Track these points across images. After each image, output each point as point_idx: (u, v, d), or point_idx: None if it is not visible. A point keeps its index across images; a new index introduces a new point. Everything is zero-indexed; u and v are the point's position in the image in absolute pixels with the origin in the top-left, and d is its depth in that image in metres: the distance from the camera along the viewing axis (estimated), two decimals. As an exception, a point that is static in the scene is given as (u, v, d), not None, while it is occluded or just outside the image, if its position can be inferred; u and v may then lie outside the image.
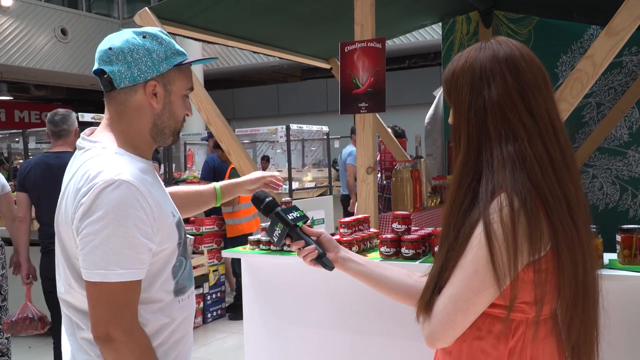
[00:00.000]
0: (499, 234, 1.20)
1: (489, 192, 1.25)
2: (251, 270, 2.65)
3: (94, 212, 1.39)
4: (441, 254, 1.32)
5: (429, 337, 1.32)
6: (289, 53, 4.43)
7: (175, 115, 1.60)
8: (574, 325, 1.30)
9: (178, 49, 1.59)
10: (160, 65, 1.54)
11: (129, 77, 1.52)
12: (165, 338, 1.56)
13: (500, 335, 1.30)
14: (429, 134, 4.90)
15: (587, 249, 1.28)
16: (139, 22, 3.22)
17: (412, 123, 10.01)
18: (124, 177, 1.41)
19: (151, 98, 1.55)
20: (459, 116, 1.34)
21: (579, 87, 2.49)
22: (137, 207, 1.41)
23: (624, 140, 4.36)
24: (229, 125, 3.33)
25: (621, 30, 2.39)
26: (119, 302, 1.41)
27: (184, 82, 1.60)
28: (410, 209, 3.02)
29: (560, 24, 4.36)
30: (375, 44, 2.79)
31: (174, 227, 1.57)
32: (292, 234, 1.59)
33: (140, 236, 1.42)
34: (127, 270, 1.40)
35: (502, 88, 1.29)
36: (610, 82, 4.38)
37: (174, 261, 1.58)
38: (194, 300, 1.72)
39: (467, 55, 1.35)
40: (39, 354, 5.22)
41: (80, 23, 14.85)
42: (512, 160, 1.25)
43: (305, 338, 2.55)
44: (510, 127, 1.28)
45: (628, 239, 2.03)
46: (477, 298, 1.24)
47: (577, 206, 1.27)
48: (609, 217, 4.29)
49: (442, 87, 4.95)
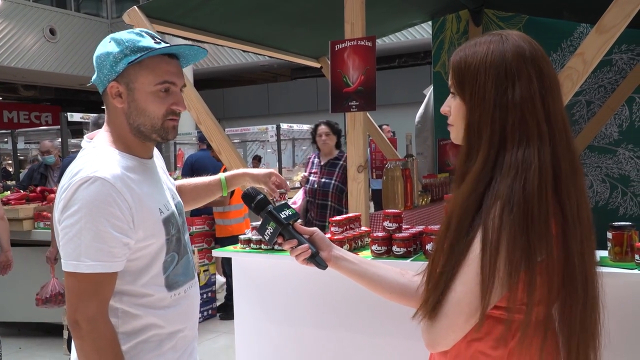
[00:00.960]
0: (487, 249, 1.19)
1: (492, 197, 1.22)
2: (242, 269, 2.64)
3: (70, 206, 1.47)
4: (451, 260, 1.27)
5: (431, 342, 1.29)
6: (279, 52, 4.42)
7: (145, 112, 1.59)
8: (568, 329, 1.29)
9: (140, 46, 1.56)
10: (117, 65, 1.56)
11: (99, 83, 1.61)
12: (159, 330, 1.61)
13: (499, 337, 1.28)
14: (419, 133, 4.91)
15: (578, 268, 1.24)
16: (127, 21, 3.19)
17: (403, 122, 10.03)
18: (99, 174, 1.47)
19: (114, 99, 1.60)
20: (481, 113, 1.27)
21: (569, 85, 2.49)
22: (110, 203, 1.47)
23: (614, 138, 4.38)
24: (219, 125, 3.32)
25: (611, 28, 2.40)
26: (88, 292, 1.47)
27: (148, 77, 1.57)
28: (401, 208, 3.01)
29: (550, 22, 4.38)
30: (366, 43, 2.79)
31: (160, 224, 1.59)
32: (284, 233, 1.55)
33: (113, 230, 1.47)
34: (97, 263, 1.46)
35: (527, 89, 1.23)
36: (600, 80, 4.39)
37: (164, 257, 1.61)
38: (195, 294, 1.75)
39: (488, 48, 1.27)
40: (29, 354, 5.18)
41: (69, 23, 14.76)
42: (517, 167, 1.21)
43: (296, 337, 2.53)
44: (526, 132, 1.23)
45: (619, 236, 2.03)
46: (478, 302, 1.22)
47: (576, 220, 1.23)
48: (599, 215, 4.25)
49: (431, 86, 4.96)
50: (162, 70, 1.59)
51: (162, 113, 1.60)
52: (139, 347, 1.59)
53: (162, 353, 1.63)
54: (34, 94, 18.01)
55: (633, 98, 4.30)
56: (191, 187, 2.08)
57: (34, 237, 5.38)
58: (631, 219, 4.29)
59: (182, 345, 1.70)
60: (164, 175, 1.78)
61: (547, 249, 1.20)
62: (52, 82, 16.59)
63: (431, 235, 2.17)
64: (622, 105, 4.32)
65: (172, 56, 1.63)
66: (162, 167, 1.83)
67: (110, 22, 15.71)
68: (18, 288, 5.46)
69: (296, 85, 18.04)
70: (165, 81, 1.59)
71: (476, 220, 1.24)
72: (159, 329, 1.62)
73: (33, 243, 5.36)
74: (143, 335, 1.60)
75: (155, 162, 1.73)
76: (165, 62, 1.60)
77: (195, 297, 1.76)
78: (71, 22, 14.85)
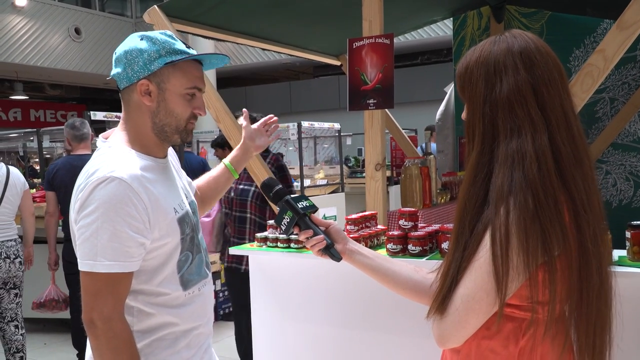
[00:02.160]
0: (497, 240, 1.20)
1: (495, 189, 1.24)
2: (258, 267, 2.65)
3: (87, 206, 1.49)
4: (458, 252, 1.30)
5: (441, 337, 1.30)
6: (299, 50, 4.42)
7: (173, 113, 1.62)
8: (581, 329, 1.28)
9: (176, 48, 1.60)
10: (151, 64, 1.58)
11: (125, 78, 1.60)
12: (174, 328, 1.63)
13: (510, 335, 1.28)
14: (440, 130, 4.88)
15: (592, 252, 1.24)
16: (148, 20, 3.22)
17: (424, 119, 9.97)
18: (116, 174, 1.49)
19: (143, 96, 1.60)
20: (474, 111, 1.32)
21: (589, 82, 2.46)
22: (127, 203, 1.48)
23: (638, 135, 4.31)
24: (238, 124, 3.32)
25: (632, 24, 2.36)
26: (104, 291, 1.48)
27: (181, 80, 1.61)
28: (420, 206, 3.00)
29: (573, 19, 4.31)
30: (384, 40, 2.78)
31: (175, 223, 1.61)
32: (300, 223, 1.57)
33: (130, 230, 1.48)
34: (113, 262, 1.47)
35: (513, 82, 1.27)
36: (624, 77, 4.32)
37: (178, 256, 1.63)
38: (209, 291, 1.77)
39: (482, 49, 1.33)
40: (54, 350, 5.26)
41: (94, 22, 14.92)
42: (512, 157, 1.23)
43: (312, 335, 2.54)
44: (517, 122, 1.26)
45: (638, 235, 2.00)
46: (490, 299, 1.23)
47: (586, 206, 1.24)
48: (623, 214, 4.23)
49: (452, 83, 4.93)
50: (193, 75, 1.63)
51: (187, 116, 1.65)
52: (154, 345, 1.61)
53: (177, 351, 1.65)
54: (60, 93, 18.25)
55: (658, 95, 4.22)
56: (205, 185, 2.10)
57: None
58: (655, 218, 4.21)
59: (197, 343, 1.72)
60: (178, 174, 1.79)
61: (562, 234, 1.20)
62: (77, 81, 16.79)
63: (447, 234, 2.15)
64: (646, 103, 4.25)
65: (198, 61, 1.67)
66: (177, 165, 1.85)
67: (135, 22, 15.85)
68: (43, 284, 5.54)
69: (318, 83, 18.03)
70: (195, 86, 1.64)
71: (484, 214, 1.25)
72: (174, 327, 1.64)
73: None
74: (158, 334, 1.62)
75: (170, 161, 1.75)
76: (195, 68, 1.65)
77: (210, 295, 1.78)
78: (96, 21, 15.01)
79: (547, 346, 1.29)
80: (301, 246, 2.47)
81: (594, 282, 1.25)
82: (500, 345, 1.29)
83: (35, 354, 5.14)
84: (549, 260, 1.20)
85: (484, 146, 1.30)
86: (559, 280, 1.22)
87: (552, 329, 1.28)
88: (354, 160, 11.24)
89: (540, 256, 1.19)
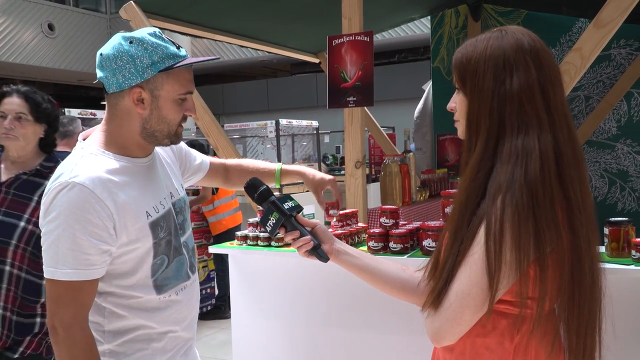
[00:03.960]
0: (491, 236, 1.19)
1: (494, 185, 1.23)
2: (238, 266, 2.63)
3: (50, 212, 1.47)
4: (455, 247, 1.28)
5: (435, 335, 1.29)
6: (277, 47, 4.41)
7: (165, 119, 1.58)
8: (571, 328, 1.28)
9: (169, 53, 1.54)
10: (144, 72, 1.52)
11: (115, 84, 1.54)
12: (147, 330, 1.60)
13: (505, 332, 1.28)
14: (418, 128, 4.90)
15: (585, 252, 1.25)
16: (124, 16, 3.18)
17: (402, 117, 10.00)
18: (78, 180, 1.46)
19: (137, 104, 1.55)
20: (480, 104, 1.30)
21: (567, 80, 2.48)
22: (88, 210, 1.45)
23: (613, 133, 4.38)
24: (218, 121, 3.31)
25: (609, 22, 2.39)
26: (65, 298, 1.47)
27: (174, 86, 1.56)
28: (399, 203, 3.00)
29: (549, 17, 4.37)
30: (363, 38, 2.77)
31: (147, 228, 1.57)
32: (286, 224, 1.54)
33: (91, 238, 1.45)
34: (72, 270, 1.45)
35: (525, 79, 1.26)
36: (598, 76, 4.39)
37: (151, 260, 1.59)
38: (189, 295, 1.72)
39: (488, 42, 1.31)
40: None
41: (68, 18, 14.71)
42: (517, 154, 1.23)
43: (293, 334, 2.53)
44: (525, 120, 1.25)
45: (616, 232, 2.02)
46: (485, 295, 1.22)
47: (580, 207, 1.24)
48: (598, 210, 4.26)
49: (430, 81, 4.95)
50: (186, 80, 1.59)
51: (179, 120, 1.61)
52: (126, 346, 1.58)
53: (151, 353, 1.61)
54: (32, 89, 17.96)
55: (631, 93, 4.30)
56: (242, 169, 2.08)
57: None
58: (629, 214, 4.29)
59: (174, 346, 1.67)
60: (163, 171, 1.73)
61: (556, 233, 1.20)
62: (50, 78, 16.53)
63: (428, 232, 2.16)
64: (620, 101, 4.32)
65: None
66: (170, 160, 1.80)
67: (109, 18, 15.66)
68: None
69: (295, 80, 18.01)
70: (188, 91, 1.60)
71: (480, 208, 1.25)
72: (147, 329, 1.60)
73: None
74: (130, 335, 1.58)
75: (154, 159, 1.70)
76: (187, 71, 1.60)
77: (191, 299, 1.73)
78: (70, 17, 14.79)
79: (540, 343, 1.29)
80: (282, 244, 2.46)
81: (587, 282, 1.26)
82: (495, 343, 1.29)
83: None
84: (541, 256, 1.20)
85: (488, 142, 1.28)
86: (549, 278, 1.23)
87: (540, 326, 1.28)
88: (332, 158, 11.25)
89: (532, 253, 1.20)
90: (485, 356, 1.29)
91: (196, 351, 1.85)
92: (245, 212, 5.95)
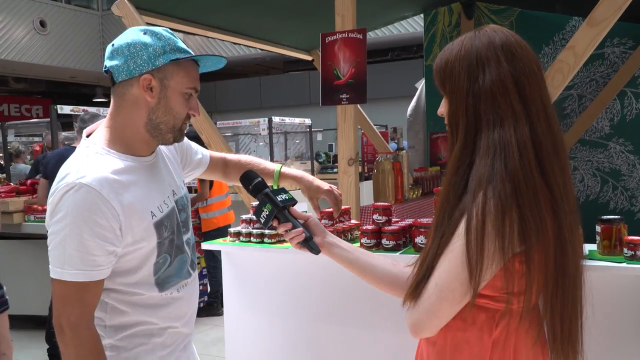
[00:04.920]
0: (472, 227, 1.20)
1: (474, 179, 1.25)
2: (231, 262, 2.63)
3: (56, 212, 1.47)
4: (435, 241, 1.30)
5: (414, 326, 1.31)
6: (270, 44, 4.40)
7: (172, 111, 1.59)
8: (555, 317, 1.30)
9: (180, 47, 1.58)
10: (156, 59, 1.54)
11: (125, 71, 1.55)
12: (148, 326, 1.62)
13: (484, 326, 1.29)
14: (411, 126, 4.90)
15: (569, 241, 1.26)
16: (117, 12, 3.16)
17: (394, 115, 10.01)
18: (84, 181, 1.46)
19: (145, 92, 1.56)
20: (457, 103, 1.33)
21: (560, 78, 2.48)
22: (95, 211, 1.46)
23: (605, 132, 4.39)
24: (211, 118, 3.29)
25: (602, 21, 2.39)
26: (71, 298, 1.47)
27: (183, 78, 1.58)
28: (392, 201, 3.00)
29: (542, 16, 4.37)
30: (357, 35, 2.77)
31: (151, 228, 1.58)
32: (279, 216, 1.57)
33: (98, 239, 1.46)
34: (79, 271, 1.46)
35: (496, 74, 1.28)
36: (592, 74, 4.40)
37: (155, 259, 1.60)
38: (190, 292, 1.74)
39: (462, 43, 1.34)
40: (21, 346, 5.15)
41: (60, 15, 14.63)
42: (495, 147, 1.24)
43: (285, 330, 2.53)
44: (499, 113, 1.27)
45: (608, 230, 2.03)
46: (464, 288, 1.23)
47: (563, 196, 1.26)
48: (590, 209, 4.31)
49: (423, 80, 4.95)
50: (193, 76, 1.62)
51: (184, 115, 1.62)
52: (126, 341, 1.59)
53: (152, 348, 1.63)
54: (24, 86, 17.87)
55: (625, 92, 4.31)
56: (241, 166, 2.08)
57: (24, 230, 5.36)
58: (621, 212, 4.30)
59: (174, 341, 1.70)
60: (166, 168, 1.74)
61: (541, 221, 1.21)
62: (42, 75, 16.46)
63: (420, 228, 2.16)
64: (613, 99, 4.33)
65: (195, 62, 1.65)
66: (171, 156, 1.81)
67: (101, 14, 15.57)
68: (8, 280, 5.41)
69: (288, 78, 18.00)
70: (194, 87, 1.63)
71: (461, 202, 1.26)
72: (148, 325, 1.62)
73: (23, 236, 5.34)
74: (131, 330, 1.60)
75: (157, 157, 1.70)
76: (195, 69, 1.64)
77: (191, 296, 1.75)
78: (61, 14, 14.72)
79: (521, 337, 1.30)
80: (275, 241, 2.45)
81: (570, 269, 1.28)
82: (474, 337, 1.30)
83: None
84: (526, 249, 1.21)
85: (467, 137, 1.31)
86: (535, 271, 1.24)
87: (526, 319, 1.29)
88: (324, 156, 11.25)
89: (517, 245, 1.21)
90: (465, 350, 1.31)
91: (193, 346, 1.87)
92: (237, 210, 5.93)
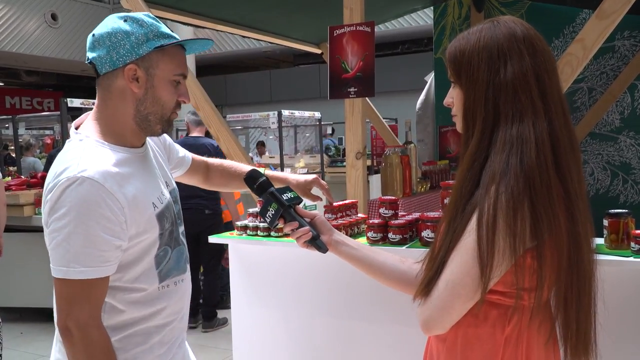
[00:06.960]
0: (484, 223, 1.19)
1: (488, 174, 1.23)
2: (238, 256, 2.64)
3: (58, 209, 1.39)
4: (448, 236, 1.28)
5: (425, 323, 1.29)
6: (279, 37, 4.39)
7: (160, 100, 1.53)
8: (570, 314, 1.28)
9: (163, 32, 1.51)
10: (139, 48, 1.48)
11: (108, 62, 1.49)
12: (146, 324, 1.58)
13: (496, 323, 1.28)
14: (420, 120, 4.88)
15: (583, 237, 1.25)
16: (125, 6, 3.17)
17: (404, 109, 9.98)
18: (87, 174, 1.39)
19: (131, 82, 1.50)
20: (475, 95, 1.30)
21: (568, 71, 2.47)
22: (100, 205, 1.39)
23: (616, 125, 4.36)
24: (221, 112, 3.30)
25: (612, 13, 2.37)
26: (79, 297, 1.42)
27: (169, 65, 1.52)
28: (400, 195, 3.00)
29: (553, 8, 4.34)
30: (365, 28, 2.76)
31: (154, 219, 1.54)
32: (285, 215, 1.55)
33: (104, 234, 1.41)
34: (87, 268, 1.40)
35: (519, 67, 1.26)
36: (602, 67, 4.36)
37: (156, 251, 1.57)
38: (185, 288, 1.71)
39: (480, 33, 1.30)
40: (31, 339, 5.21)
41: (71, 8, 14.67)
42: (512, 142, 1.22)
43: (292, 323, 2.54)
44: (519, 108, 1.25)
45: (615, 224, 2.02)
46: (476, 284, 1.21)
47: (577, 192, 1.25)
48: (600, 203, 4.29)
49: (432, 73, 4.93)
50: (180, 61, 1.55)
51: (173, 105, 1.57)
52: (124, 341, 1.55)
53: (150, 347, 1.60)
54: (36, 79, 17.96)
55: (635, 85, 4.27)
56: (224, 170, 2.05)
57: (34, 223, 5.40)
58: (632, 206, 4.27)
59: (171, 338, 1.67)
60: (156, 160, 1.71)
61: (554, 219, 1.20)
62: (54, 68, 16.53)
63: (427, 222, 2.16)
64: (624, 92, 4.29)
65: (181, 46, 1.58)
66: (157, 149, 1.77)
67: (112, 8, 15.60)
68: (19, 273, 5.49)
69: (298, 71, 17.98)
70: (182, 73, 1.56)
71: (474, 197, 1.25)
72: (146, 323, 1.58)
73: (33, 229, 5.38)
74: (129, 330, 1.56)
75: (148, 149, 1.67)
76: (181, 53, 1.57)
77: (186, 291, 1.72)
78: (73, 7, 14.75)
79: (533, 333, 1.29)
80: (281, 234, 2.46)
81: (586, 266, 1.26)
82: (486, 333, 1.29)
83: (12, 344, 5.08)
84: (538, 245, 1.20)
85: (484, 132, 1.28)
86: (547, 267, 1.22)
87: (538, 316, 1.28)
88: (334, 149, 11.23)
89: (528, 240, 1.19)
90: (476, 346, 1.29)
91: (187, 344, 1.83)
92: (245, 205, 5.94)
